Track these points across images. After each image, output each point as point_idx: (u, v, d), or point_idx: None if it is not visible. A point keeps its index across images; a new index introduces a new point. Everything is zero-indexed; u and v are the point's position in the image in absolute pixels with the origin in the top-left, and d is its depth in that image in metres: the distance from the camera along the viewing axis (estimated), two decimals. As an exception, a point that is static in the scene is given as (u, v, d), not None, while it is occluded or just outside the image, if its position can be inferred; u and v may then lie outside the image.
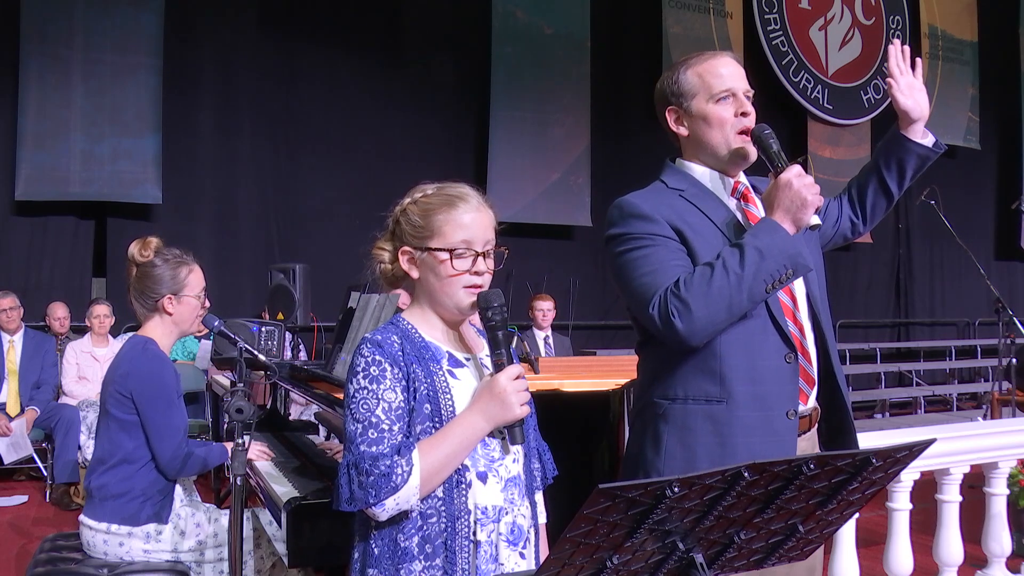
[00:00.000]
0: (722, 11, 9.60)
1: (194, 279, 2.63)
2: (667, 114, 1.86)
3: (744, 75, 1.82)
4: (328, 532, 2.15)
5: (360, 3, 7.95)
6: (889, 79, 1.87)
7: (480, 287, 1.54)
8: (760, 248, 1.64)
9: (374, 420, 1.45)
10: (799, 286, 1.81)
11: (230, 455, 2.27)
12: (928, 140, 1.91)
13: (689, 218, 1.76)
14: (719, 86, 1.78)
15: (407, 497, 1.43)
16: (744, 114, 1.78)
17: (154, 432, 2.48)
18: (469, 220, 1.54)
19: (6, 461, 5.51)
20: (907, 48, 1.90)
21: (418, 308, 1.59)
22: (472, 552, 1.49)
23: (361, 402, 1.46)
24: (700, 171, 1.85)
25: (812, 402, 1.82)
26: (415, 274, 1.57)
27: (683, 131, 1.85)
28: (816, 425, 1.86)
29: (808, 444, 1.82)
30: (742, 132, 1.78)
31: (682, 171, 1.86)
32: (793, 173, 1.70)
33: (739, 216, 1.81)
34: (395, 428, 1.46)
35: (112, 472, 2.49)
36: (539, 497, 1.68)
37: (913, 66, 1.89)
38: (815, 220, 1.71)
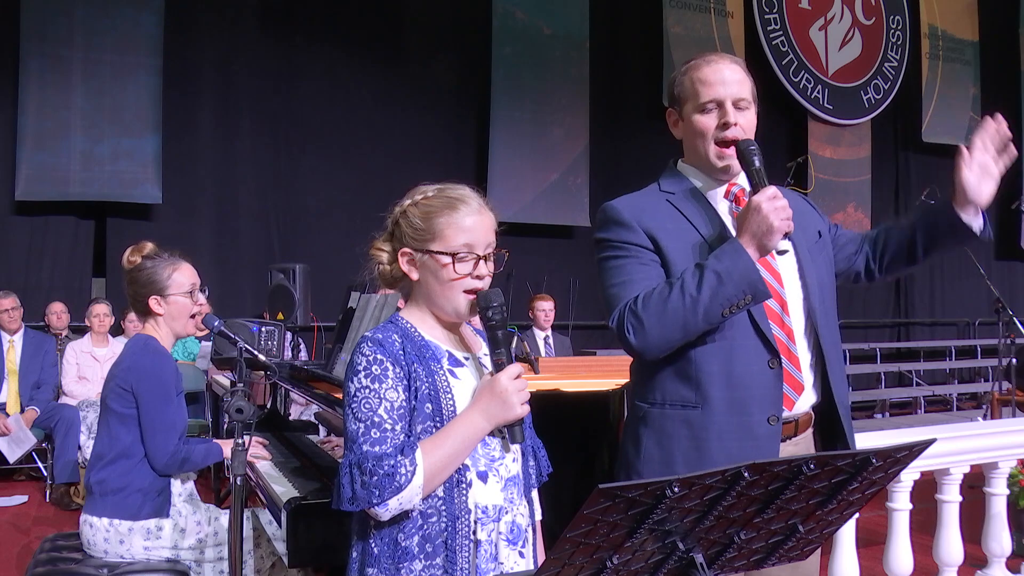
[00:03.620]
0: (723, 11, 9.60)
1: (180, 277, 2.62)
2: (668, 115, 1.88)
3: (741, 80, 1.78)
4: (327, 532, 2.15)
5: (360, 3, 7.96)
6: (965, 147, 1.76)
7: (480, 290, 1.54)
8: (720, 272, 1.63)
9: (376, 419, 1.45)
10: (792, 291, 1.78)
11: (230, 455, 2.27)
12: (976, 223, 1.81)
13: (669, 224, 1.77)
14: (705, 95, 1.77)
15: (410, 497, 1.43)
16: (726, 125, 1.76)
17: (150, 427, 2.48)
18: (471, 223, 1.53)
19: (10, 460, 5.51)
20: (1007, 132, 1.77)
21: (416, 308, 1.59)
22: (472, 551, 1.49)
23: (363, 401, 1.46)
24: (694, 174, 1.85)
25: (801, 408, 1.79)
26: (415, 276, 1.56)
27: (678, 134, 1.86)
28: (810, 430, 1.83)
29: (797, 450, 1.79)
30: (721, 143, 1.76)
31: (679, 173, 1.87)
32: (765, 196, 1.66)
33: (728, 220, 1.79)
34: (397, 428, 1.46)
35: (111, 467, 2.50)
36: (534, 495, 1.68)
37: (1003, 150, 1.79)
38: (783, 245, 1.67)
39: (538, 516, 1.68)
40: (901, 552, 3.02)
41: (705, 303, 1.63)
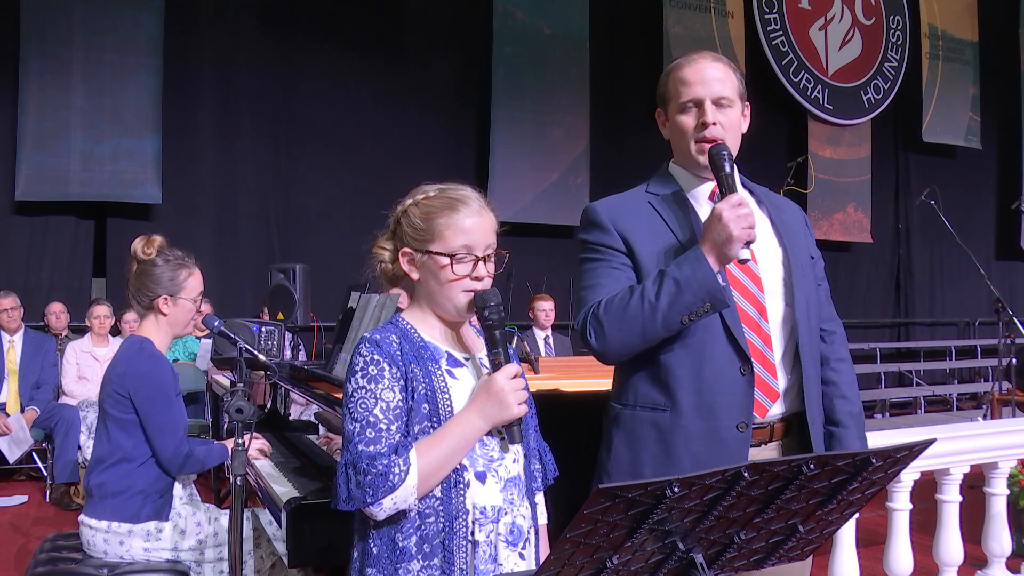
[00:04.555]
0: (723, 11, 9.61)
1: (192, 283, 2.62)
2: (656, 116, 1.88)
3: (722, 78, 1.76)
4: (328, 532, 2.15)
5: (360, 3, 7.96)
6: None
7: (480, 291, 1.53)
8: (679, 280, 1.63)
9: (372, 419, 1.45)
10: (773, 298, 1.77)
11: (230, 455, 2.27)
12: None
13: (645, 226, 1.77)
14: (684, 95, 1.77)
15: (404, 497, 1.43)
16: (704, 124, 1.75)
17: (155, 430, 2.48)
18: (470, 224, 1.53)
19: (10, 460, 5.51)
20: None
21: (417, 308, 1.59)
22: (470, 552, 1.48)
23: (359, 401, 1.46)
24: (682, 175, 1.85)
25: (775, 414, 1.77)
26: (415, 275, 1.56)
27: (666, 134, 1.86)
28: (786, 437, 1.80)
29: (768, 455, 1.76)
30: (702, 142, 1.76)
31: (668, 175, 1.87)
32: (728, 203, 1.65)
33: None
34: (393, 428, 1.45)
35: (111, 470, 2.50)
36: (540, 498, 1.67)
37: None
38: (744, 254, 1.65)
39: (543, 520, 1.67)
40: (901, 552, 3.02)
41: (664, 310, 1.64)
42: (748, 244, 1.65)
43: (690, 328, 1.69)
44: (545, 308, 6.51)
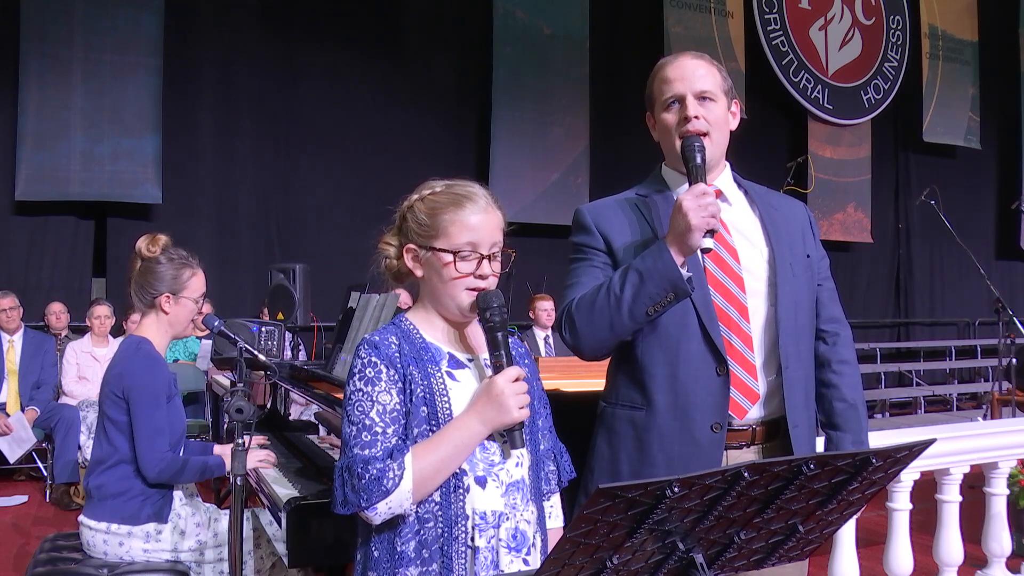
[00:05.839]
0: (723, 11, 9.61)
1: (195, 283, 2.62)
2: (647, 120, 1.88)
3: (703, 74, 1.75)
4: (328, 532, 2.15)
5: (361, 3, 7.96)
6: None
7: (484, 290, 1.50)
8: (641, 271, 1.64)
9: (368, 423, 1.43)
10: (756, 298, 1.75)
11: (230, 455, 2.27)
12: None
13: (626, 227, 1.79)
14: (666, 92, 1.77)
15: (399, 501, 1.40)
16: (686, 119, 1.74)
17: (137, 433, 2.44)
18: (476, 222, 1.50)
19: (10, 460, 5.51)
20: None
21: (421, 307, 1.57)
22: (470, 558, 1.45)
23: (356, 404, 1.44)
24: (671, 175, 1.85)
25: (756, 416, 1.75)
26: (419, 272, 1.54)
27: (656, 136, 1.86)
28: (771, 441, 1.77)
29: (749, 458, 1.73)
30: (683, 136, 1.74)
31: (658, 176, 1.88)
32: (690, 194, 1.63)
33: None
34: (389, 431, 1.43)
35: (111, 472, 2.49)
36: (555, 500, 1.66)
37: None
38: (707, 243, 1.62)
39: (559, 523, 1.65)
40: (901, 552, 3.02)
41: (628, 302, 1.65)
42: (711, 233, 1.63)
43: (667, 328, 1.70)
44: (545, 308, 6.52)
